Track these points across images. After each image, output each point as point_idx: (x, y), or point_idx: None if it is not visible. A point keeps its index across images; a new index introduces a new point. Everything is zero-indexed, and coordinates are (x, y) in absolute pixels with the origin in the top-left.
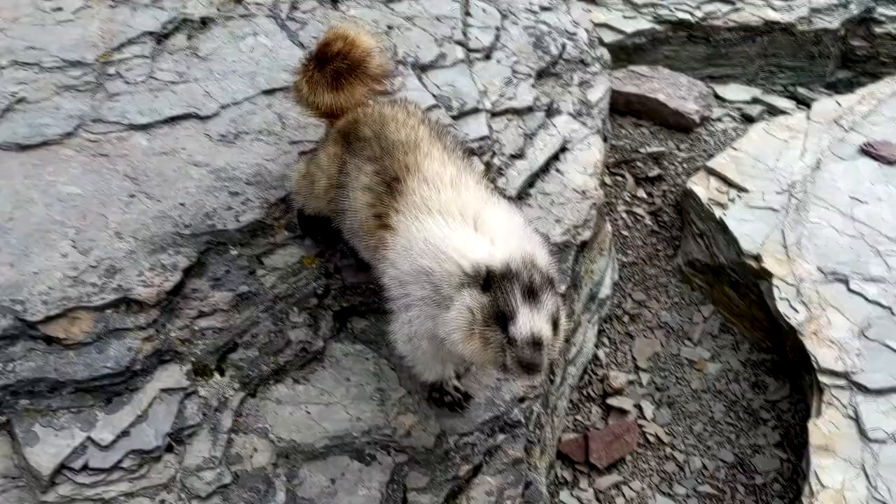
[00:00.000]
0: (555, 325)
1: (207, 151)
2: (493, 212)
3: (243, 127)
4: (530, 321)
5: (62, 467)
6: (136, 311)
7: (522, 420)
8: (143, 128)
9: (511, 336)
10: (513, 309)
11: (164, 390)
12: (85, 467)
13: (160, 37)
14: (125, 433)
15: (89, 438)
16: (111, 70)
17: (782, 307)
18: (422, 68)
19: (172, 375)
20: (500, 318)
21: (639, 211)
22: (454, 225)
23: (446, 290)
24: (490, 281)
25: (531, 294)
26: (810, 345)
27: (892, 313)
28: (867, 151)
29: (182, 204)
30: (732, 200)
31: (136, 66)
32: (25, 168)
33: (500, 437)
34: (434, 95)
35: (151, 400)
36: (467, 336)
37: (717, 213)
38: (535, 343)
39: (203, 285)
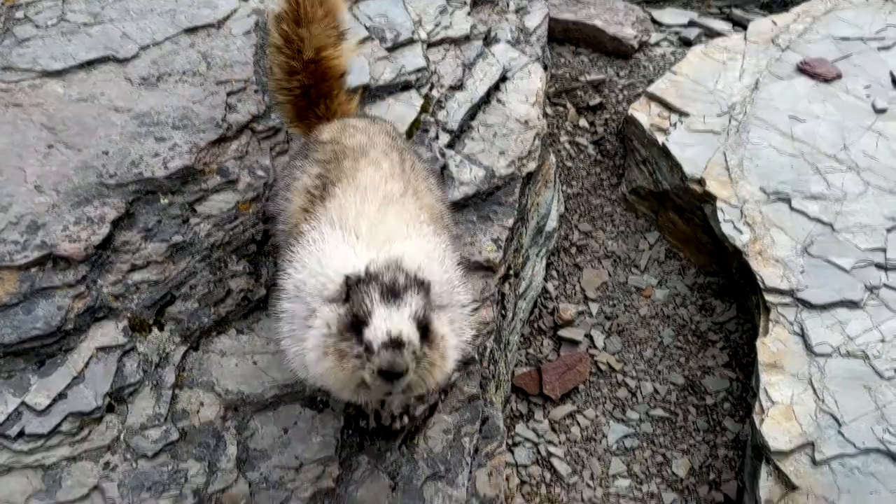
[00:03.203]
0: (425, 330)
1: (129, 96)
2: (404, 237)
3: (165, 69)
4: (387, 319)
5: None
6: (63, 267)
7: (476, 357)
8: (58, 74)
9: (366, 341)
10: (368, 311)
11: (100, 349)
12: (21, 434)
13: None
14: (62, 396)
15: (23, 403)
16: (19, 14)
17: (727, 229)
18: None
19: (108, 333)
20: (356, 326)
21: (581, 141)
22: (350, 243)
23: (314, 304)
24: (349, 289)
25: (392, 295)
26: (755, 265)
27: (833, 229)
28: (804, 70)
29: (105, 153)
30: (674, 125)
31: (45, 8)
32: None
33: (455, 374)
34: (367, 27)
35: (87, 360)
36: (322, 355)
37: (660, 138)
38: (394, 343)
39: (134, 237)
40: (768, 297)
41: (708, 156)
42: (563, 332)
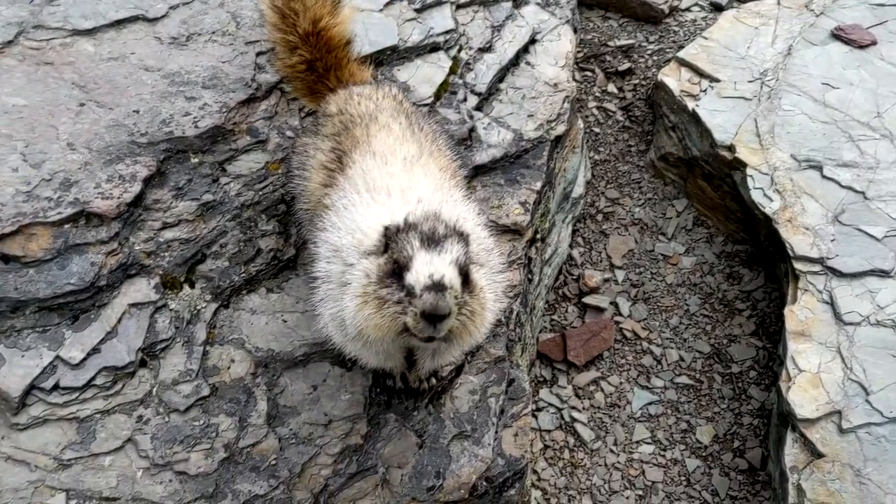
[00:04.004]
0: (465, 277)
1: (159, 55)
2: (439, 199)
3: (195, 28)
4: (428, 264)
5: (32, 388)
6: (96, 224)
7: (503, 319)
8: (88, 33)
9: (408, 285)
10: (409, 256)
11: (132, 305)
12: (56, 387)
13: None
14: (96, 350)
15: (58, 357)
16: None
17: (756, 196)
18: None
19: (140, 290)
20: (397, 273)
21: (610, 107)
22: (381, 202)
23: (351, 259)
24: (388, 240)
25: (432, 241)
26: (785, 232)
27: (865, 198)
28: (838, 36)
29: (136, 111)
30: (704, 91)
31: None
32: None
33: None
34: None
35: (120, 315)
36: (361, 304)
37: (690, 104)
38: (436, 286)
39: (165, 195)
40: (797, 265)
41: (738, 122)
42: (588, 300)
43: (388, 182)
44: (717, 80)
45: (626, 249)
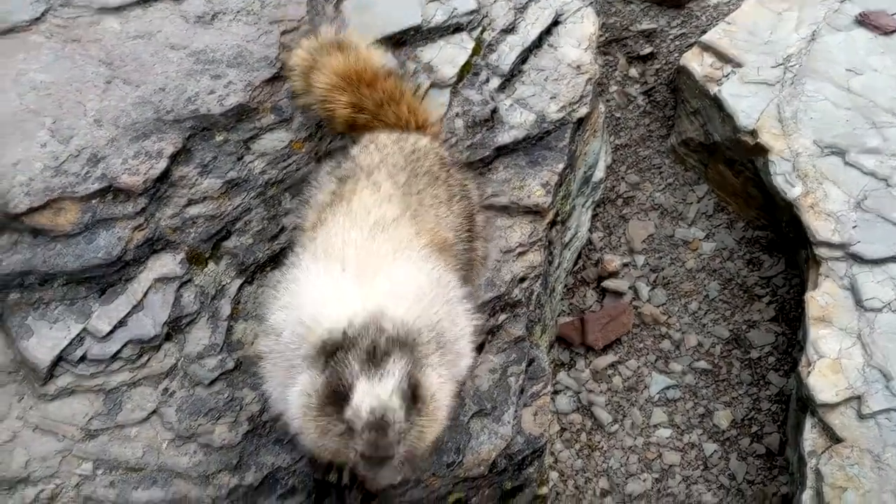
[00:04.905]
0: (414, 395)
1: (184, 34)
2: (398, 270)
3: (220, 7)
4: (368, 395)
5: (60, 359)
6: (123, 199)
7: (523, 300)
8: (115, 10)
9: (348, 420)
10: (348, 384)
11: (158, 279)
12: (83, 358)
13: None
14: (122, 323)
15: (85, 330)
16: None
17: (778, 182)
18: None
19: (166, 264)
20: (337, 400)
21: (631, 91)
22: (333, 276)
23: (294, 360)
24: (326, 357)
25: (373, 362)
26: (807, 218)
27: (888, 185)
28: (863, 22)
29: (162, 89)
30: (727, 76)
31: None
32: None
33: (502, 316)
34: None
35: (146, 289)
36: (304, 426)
37: (712, 89)
38: (378, 425)
39: (191, 172)
40: (819, 251)
41: (761, 107)
42: (607, 284)
43: (346, 251)
44: (741, 65)
45: (646, 234)
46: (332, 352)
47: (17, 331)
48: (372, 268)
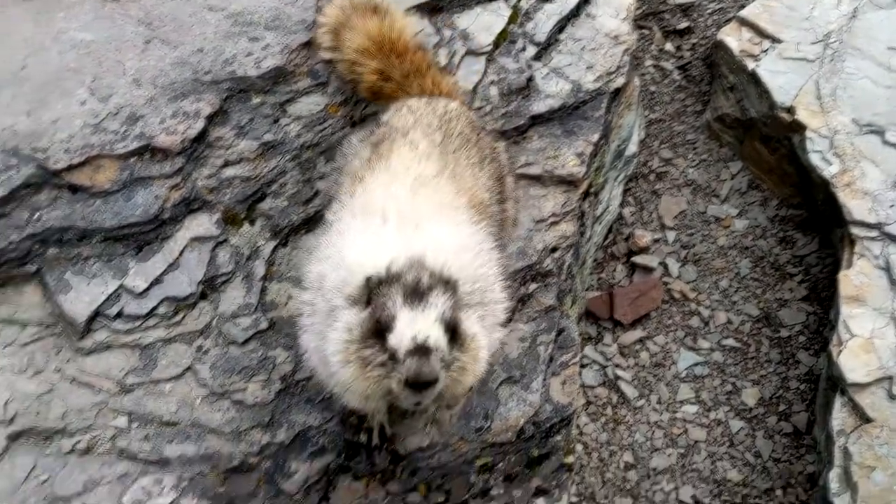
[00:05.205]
0: (453, 333)
1: None
2: (440, 227)
3: None
4: (412, 324)
5: (97, 314)
6: (160, 159)
7: (554, 269)
8: None
9: (390, 348)
10: (391, 315)
11: (194, 239)
12: (120, 314)
13: None
14: (158, 281)
15: (122, 286)
16: None
17: (815, 160)
18: None
19: (202, 224)
20: (379, 332)
21: (666, 65)
22: (374, 230)
23: (335, 301)
24: (370, 292)
25: (415, 296)
26: (843, 197)
27: None
28: None
29: (200, 50)
30: (765, 52)
31: None
32: (33, 15)
33: (533, 285)
34: None
35: (182, 248)
36: (343, 363)
37: (750, 64)
38: (420, 350)
39: (227, 133)
40: (854, 230)
41: (799, 84)
42: (637, 259)
43: (387, 204)
44: (779, 41)
45: (678, 210)
46: (375, 286)
47: (55, 285)
48: (414, 221)
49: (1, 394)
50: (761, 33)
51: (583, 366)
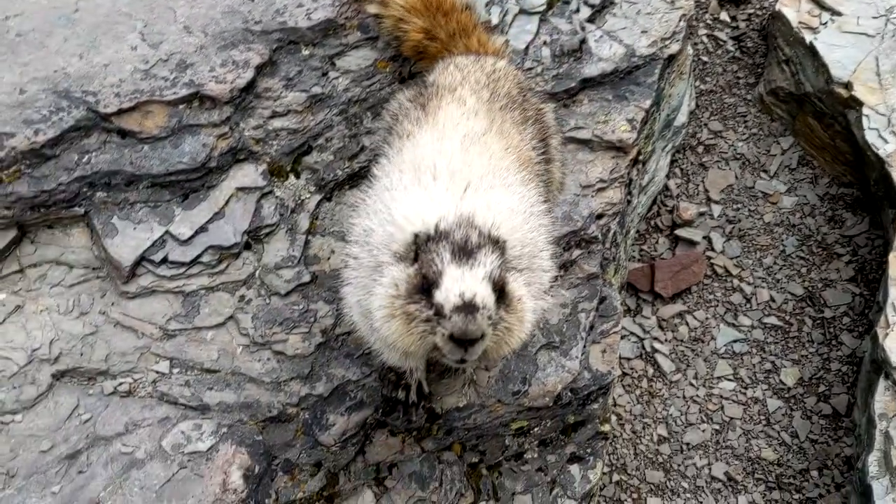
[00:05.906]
0: (501, 293)
1: None
2: (490, 187)
3: None
4: (459, 281)
5: (142, 259)
6: (209, 107)
7: (599, 237)
8: None
9: (437, 304)
10: (438, 271)
11: (240, 189)
12: (165, 260)
13: None
14: (203, 229)
15: (168, 232)
16: None
17: (871, 137)
18: None
19: (248, 175)
20: (426, 288)
21: (721, 35)
22: (423, 185)
23: (382, 257)
24: (417, 248)
25: (463, 254)
26: None
27: None
28: None
29: None
30: (825, 24)
31: None
32: None
33: (576, 252)
34: None
35: (228, 198)
36: (388, 317)
37: (807, 37)
38: (467, 307)
39: (275, 84)
40: None
41: (858, 59)
42: (680, 232)
43: (438, 160)
44: (839, 14)
45: (725, 184)
46: (423, 243)
47: (102, 229)
48: (464, 179)
49: (46, 333)
50: (821, 5)
51: (620, 337)
